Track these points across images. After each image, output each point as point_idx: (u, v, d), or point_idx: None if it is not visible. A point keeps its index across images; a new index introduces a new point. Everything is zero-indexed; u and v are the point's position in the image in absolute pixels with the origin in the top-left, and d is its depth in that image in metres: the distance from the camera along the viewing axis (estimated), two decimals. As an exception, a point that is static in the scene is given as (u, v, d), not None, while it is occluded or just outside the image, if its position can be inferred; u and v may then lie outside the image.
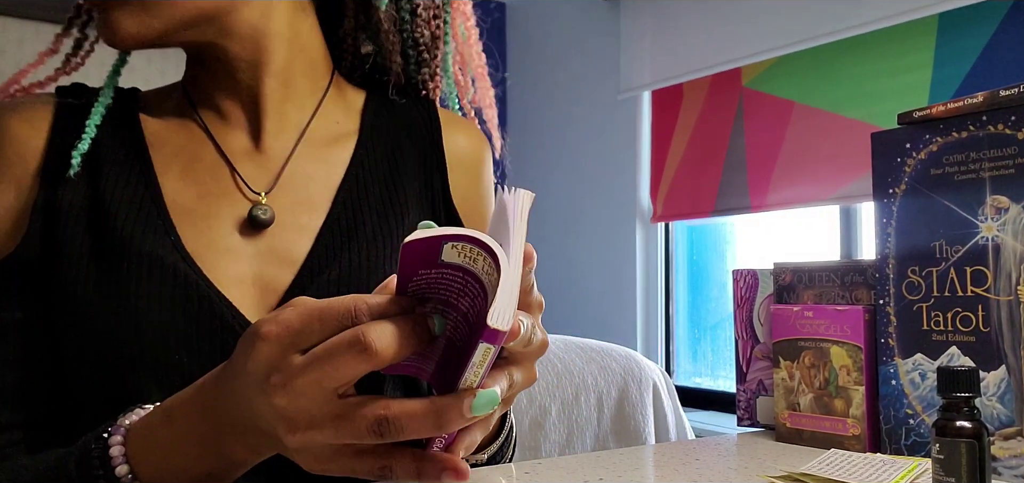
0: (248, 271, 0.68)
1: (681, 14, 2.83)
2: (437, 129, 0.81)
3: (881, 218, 0.76)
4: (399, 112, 0.81)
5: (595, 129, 3.21)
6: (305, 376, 0.46)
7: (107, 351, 0.64)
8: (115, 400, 0.62)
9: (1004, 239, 0.68)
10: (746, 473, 0.69)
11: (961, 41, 2.17)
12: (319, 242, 0.70)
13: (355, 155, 0.76)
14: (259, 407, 0.48)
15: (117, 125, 0.72)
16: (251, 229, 0.69)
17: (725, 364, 2.93)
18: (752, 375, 0.91)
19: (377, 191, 0.75)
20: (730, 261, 2.96)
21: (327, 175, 0.74)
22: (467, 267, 0.46)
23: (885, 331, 0.76)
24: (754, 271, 0.91)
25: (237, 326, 0.65)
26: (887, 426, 0.75)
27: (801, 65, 2.54)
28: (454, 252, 0.45)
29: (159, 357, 0.64)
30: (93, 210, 0.68)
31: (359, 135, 0.78)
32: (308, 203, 0.72)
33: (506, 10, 3.62)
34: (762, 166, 2.63)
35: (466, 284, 0.46)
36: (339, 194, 0.73)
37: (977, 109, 0.70)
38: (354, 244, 0.71)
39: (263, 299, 0.68)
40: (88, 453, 0.55)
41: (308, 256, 0.69)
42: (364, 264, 0.70)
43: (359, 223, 0.72)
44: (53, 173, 0.68)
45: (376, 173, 0.76)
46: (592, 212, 3.21)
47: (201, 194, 0.70)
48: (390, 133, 0.79)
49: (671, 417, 2.04)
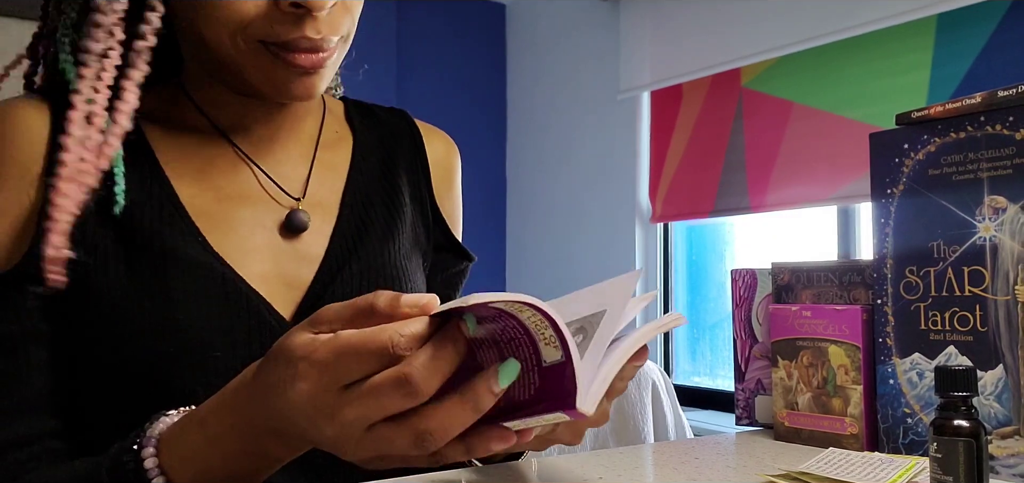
0: (273, 270, 0.71)
1: (680, 14, 2.83)
2: (418, 136, 0.87)
3: (879, 218, 0.77)
4: (380, 119, 0.87)
5: (594, 129, 3.21)
6: (352, 410, 0.48)
7: (148, 351, 0.64)
8: (155, 400, 0.62)
9: (1002, 239, 0.69)
10: (745, 472, 0.69)
11: (959, 42, 2.17)
12: (334, 241, 0.75)
13: (354, 159, 0.82)
14: (306, 431, 0.50)
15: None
16: (286, 231, 0.74)
17: (724, 363, 2.93)
18: (751, 374, 0.91)
19: (378, 193, 0.81)
20: (729, 261, 2.96)
21: (333, 178, 0.79)
22: (511, 311, 0.47)
23: (883, 331, 0.76)
24: (753, 271, 0.91)
25: (273, 321, 0.68)
26: (885, 425, 0.75)
27: (800, 65, 2.54)
28: (505, 304, 0.46)
29: (201, 354, 0.65)
30: (110, 211, 0.67)
31: (353, 141, 0.83)
32: (319, 205, 0.76)
33: (506, 10, 3.62)
34: (761, 166, 2.63)
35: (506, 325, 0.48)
36: (346, 195, 0.79)
37: (975, 110, 0.71)
38: (366, 241, 0.76)
39: (289, 295, 0.71)
40: (120, 464, 0.55)
41: (326, 254, 0.74)
42: (377, 259, 0.76)
43: (368, 222, 0.78)
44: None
45: (374, 176, 0.82)
46: (591, 212, 3.22)
47: (219, 197, 0.72)
48: (378, 139, 0.85)
49: (670, 416, 2.04)
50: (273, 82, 0.69)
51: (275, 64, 0.68)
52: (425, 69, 3.37)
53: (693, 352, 3.07)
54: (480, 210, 3.46)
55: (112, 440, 0.60)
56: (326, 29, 0.67)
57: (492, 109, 3.59)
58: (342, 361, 0.47)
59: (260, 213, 0.73)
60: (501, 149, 3.60)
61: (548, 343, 0.47)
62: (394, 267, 0.77)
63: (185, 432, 0.56)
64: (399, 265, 0.78)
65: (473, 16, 3.54)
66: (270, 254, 0.72)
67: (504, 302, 0.45)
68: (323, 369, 0.48)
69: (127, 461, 0.55)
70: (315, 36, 0.67)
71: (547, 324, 0.46)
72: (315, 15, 0.66)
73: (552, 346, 0.47)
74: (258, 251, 0.71)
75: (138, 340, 0.64)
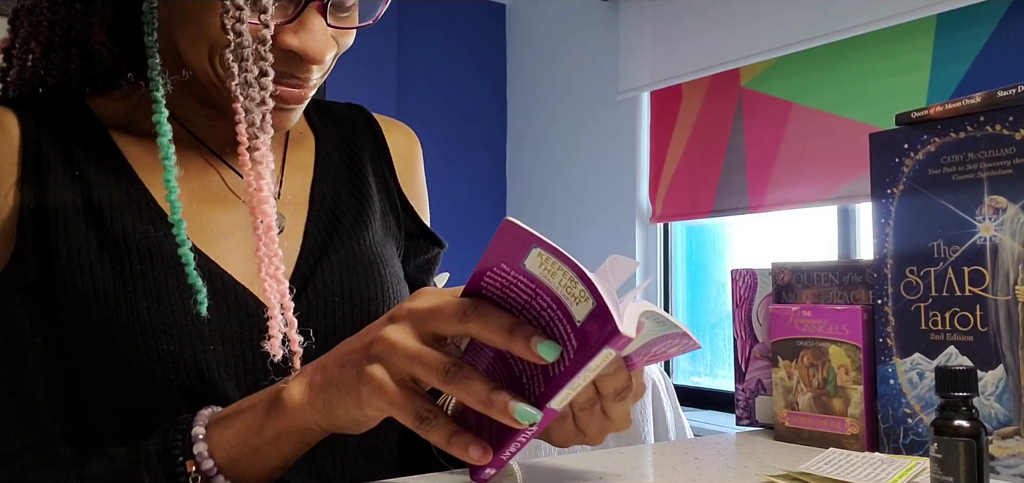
0: (252, 268, 0.70)
1: (680, 14, 2.83)
2: (378, 128, 0.88)
3: (879, 218, 0.77)
4: (338, 114, 0.88)
5: (594, 129, 3.21)
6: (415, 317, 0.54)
7: (142, 350, 0.64)
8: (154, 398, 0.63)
9: (1002, 239, 0.69)
10: (745, 472, 0.69)
11: (959, 42, 2.17)
12: (308, 235, 0.76)
13: (318, 156, 0.82)
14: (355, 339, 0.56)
15: (81, 129, 0.71)
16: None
17: (724, 363, 2.93)
18: (751, 374, 0.91)
19: (345, 185, 0.81)
20: (729, 261, 2.96)
21: (301, 176, 0.80)
22: (542, 280, 0.50)
23: (883, 331, 0.76)
24: (753, 271, 0.91)
25: (262, 314, 0.68)
26: (885, 425, 0.75)
27: (800, 66, 2.54)
28: (537, 260, 0.49)
29: (197, 349, 0.65)
30: (90, 213, 0.67)
31: (315, 137, 0.84)
32: (291, 202, 0.77)
33: (505, 10, 3.62)
34: (761, 166, 2.63)
35: (534, 297, 0.51)
36: (314, 191, 0.79)
37: (975, 110, 0.71)
38: (339, 231, 0.77)
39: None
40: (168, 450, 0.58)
41: (302, 248, 0.75)
42: (354, 246, 0.77)
43: (339, 213, 0.78)
44: (35, 180, 0.67)
45: (339, 170, 0.82)
46: (591, 212, 3.22)
47: (193, 199, 0.71)
48: (338, 134, 0.85)
49: (670, 416, 2.04)
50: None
51: None
52: (425, 69, 3.37)
53: (693, 352, 3.07)
54: (480, 210, 3.46)
55: (117, 443, 0.60)
56: (315, 72, 0.69)
57: (492, 109, 3.59)
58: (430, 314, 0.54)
59: (235, 214, 0.73)
60: (501, 149, 3.60)
61: (578, 300, 0.49)
62: (371, 253, 0.78)
63: (229, 416, 0.59)
64: (375, 251, 0.78)
65: (473, 16, 3.54)
66: (247, 252, 0.71)
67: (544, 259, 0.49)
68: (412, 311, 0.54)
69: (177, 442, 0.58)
70: (302, 75, 0.68)
71: (576, 279, 0.48)
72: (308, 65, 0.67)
73: (583, 301, 0.49)
74: (238, 249, 0.71)
75: (132, 339, 0.64)
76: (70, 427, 0.66)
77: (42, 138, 0.69)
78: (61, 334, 0.65)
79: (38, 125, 0.69)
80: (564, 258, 0.49)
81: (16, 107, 0.70)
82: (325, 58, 0.67)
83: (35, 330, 0.66)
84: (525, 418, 0.50)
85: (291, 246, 0.75)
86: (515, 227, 0.49)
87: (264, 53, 0.62)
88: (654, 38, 2.93)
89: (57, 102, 0.72)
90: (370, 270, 0.77)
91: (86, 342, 0.65)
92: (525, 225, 0.49)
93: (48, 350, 0.66)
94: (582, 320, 0.49)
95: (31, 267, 0.66)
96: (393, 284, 0.78)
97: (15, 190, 0.66)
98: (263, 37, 0.62)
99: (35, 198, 0.67)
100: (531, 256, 0.49)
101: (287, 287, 0.64)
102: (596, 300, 0.48)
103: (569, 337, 0.50)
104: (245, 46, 0.61)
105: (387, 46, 3.24)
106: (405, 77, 3.30)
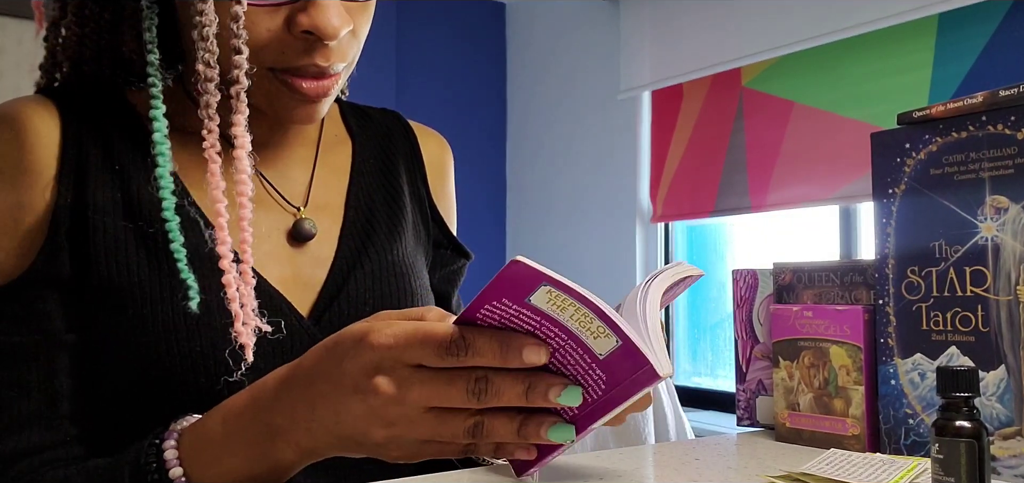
0: (288, 272, 0.72)
1: (681, 14, 2.83)
2: (413, 137, 0.88)
3: (881, 218, 0.76)
4: (375, 120, 0.87)
5: (595, 129, 3.21)
6: (420, 390, 0.51)
7: (176, 349, 0.64)
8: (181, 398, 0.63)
9: (1004, 239, 0.68)
10: (746, 473, 0.69)
11: (961, 41, 2.17)
12: (343, 242, 0.76)
13: (354, 161, 0.82)
14: (349, 405, 0.52)
15: (121, 123, 0.71)
16: (293, 239, 0.74)
17: (725, 364, 2.93)
18: (752, 375, 0.91)
19: (380, 192, 0.81)
20: (730, 261, 2.96)
21: (336, 181, 0.80)
22: (548, 313, 0.49)
23: (885, 331, 0.76)
24: (754, 271, 0.91)
25: (293, 319, 0.69)
26: (887, 426, 0.75)
27: (801, 65, 2.54)
28: (545, 297, 0.48)
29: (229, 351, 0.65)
30: (129, 209, 0.68)
31: (352, 142, 0.84)
32: (325, 207, 0.77)
33: (506, 10, 3.62)
34: (762, 166, 2.63)
35: (539, 328, 0.50)
36: (350, 197, 0.79)
37: (977, 109, 0.70)
38: (374, 240, 0.77)
39: (303, 295, 0.72)
40: (142, 458, 0.57)
41: (336, 255, 0.75)
42: (387, 256, 0.77)
43: (374, 221, 0.79)
44: (74, 175, 0.67)
45: (374, 176, 0.82)
46: (592, 212, 3.21)
47: (232, 201, 0.71)
48: (375, 140, 0.85)
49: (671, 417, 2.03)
50: (277, 106, 0.69)
51: (281, 90, 0.68)
52: (425, 69, 3.36)
53: (694, 352, 3.07)
54: (480, 210, 3.46)
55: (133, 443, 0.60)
56: (334, 57, 0.68)
57: (492, 109, 3.58)
58: (410, 343, 0.50)
59: (268, 218, 0.74)
60: (501, 149, 3.60)
61: (597, 335, 0.49)
62: (403, 264, 0.78)
63: (206, 427, 0.58)
64: (407, 262, 0.79)
65: (473, 16, 3.54)
66: (284, 257, 0.73)
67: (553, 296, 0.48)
68: (395, 341, 0.51)
69: (149, 451, 0.57)
70: (323, 64, 0.67)
71: (592, 316, 0.48)
72: (326, 44, 0.66)
73: (603, 336, 0.49)
74: (272, 254, 0.72)
75: (166, 338, 0.64)
76: (86, 428, 0.66)
77: (83, 131, 0.69)
78: (94, 333, 0.65)
79: (80, 118, 0.69)
80: (577, 296, 0.48)
81: (58, 98, 0.70)
82: (339, 32, 0.66)
83: (69, 327, 0.66)
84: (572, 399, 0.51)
85: (326, 250, 0.75)
86: (524, 267, 0.48)
87: (237, 30, 0.62)
88: (655, 37, 2.92)
89: (98, 95, 0.73)
90: (402, 281, 0.77)
91: (119, 339, 0.65)
92: (535, 264, 0.48)
93: (80, 349, 0.66)
94: (606, 354, 0.49)
95: (65, 262, 0.65)
96: (422, 295, 0.79)
97: (53, 185, 0.66)
98: (235, 14, 0.62)
99: (74, 192, 0.66)
100: (539, 293, 0.48)
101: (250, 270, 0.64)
102: (622, 339, 0.48)
103: (589, 366, 0.50)
104: (206, 24, 0.62)
105: (387, 46, 3.23)
106: (405, 77, 3.29)
